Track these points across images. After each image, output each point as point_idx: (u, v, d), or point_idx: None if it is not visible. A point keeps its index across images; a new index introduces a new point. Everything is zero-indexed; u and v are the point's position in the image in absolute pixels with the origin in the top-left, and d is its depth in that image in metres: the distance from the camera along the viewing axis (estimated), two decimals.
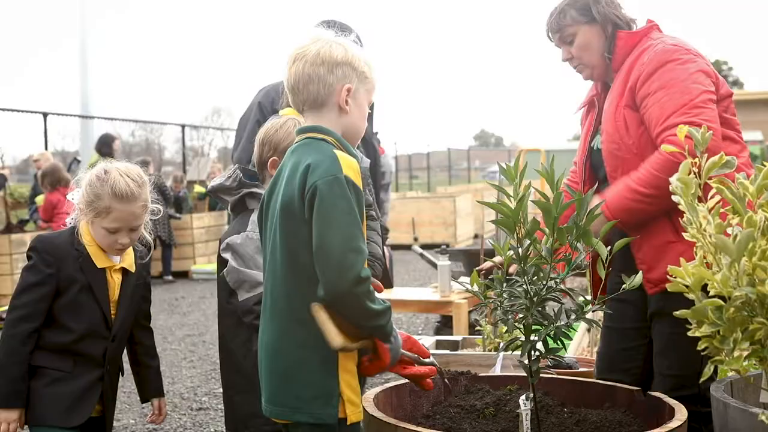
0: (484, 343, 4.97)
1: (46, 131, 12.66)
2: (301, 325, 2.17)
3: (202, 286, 12.14)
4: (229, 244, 2.93)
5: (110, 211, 2.71)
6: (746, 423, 2.24)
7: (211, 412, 5.40)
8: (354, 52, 2.28)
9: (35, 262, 2.71)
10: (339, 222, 2.08)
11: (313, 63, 2.23)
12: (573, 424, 2.59)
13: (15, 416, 2.64)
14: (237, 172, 3.09)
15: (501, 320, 2.52)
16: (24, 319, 2.66)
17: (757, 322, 1.69)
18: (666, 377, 2.94)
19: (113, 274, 2.79)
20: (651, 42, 2.94)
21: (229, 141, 48.21)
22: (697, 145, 2.07)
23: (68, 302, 2.71)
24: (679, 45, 2.89)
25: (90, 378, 2.76)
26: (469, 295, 6.14)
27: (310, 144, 2.24)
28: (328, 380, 2.18)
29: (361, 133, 2.37)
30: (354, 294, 2.06)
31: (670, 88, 2.79)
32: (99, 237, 2.75)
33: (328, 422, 2.18)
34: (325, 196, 2.08)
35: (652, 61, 2.85)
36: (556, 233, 2.41)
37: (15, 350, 2.65)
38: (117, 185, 2.70)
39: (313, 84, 2.24)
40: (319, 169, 2.12)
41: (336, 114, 2.26)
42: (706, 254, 1.82)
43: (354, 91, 2.26)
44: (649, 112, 2.83)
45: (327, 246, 2.07)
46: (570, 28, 3.01)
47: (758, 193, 1.82)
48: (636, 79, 2.87)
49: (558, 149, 23.17)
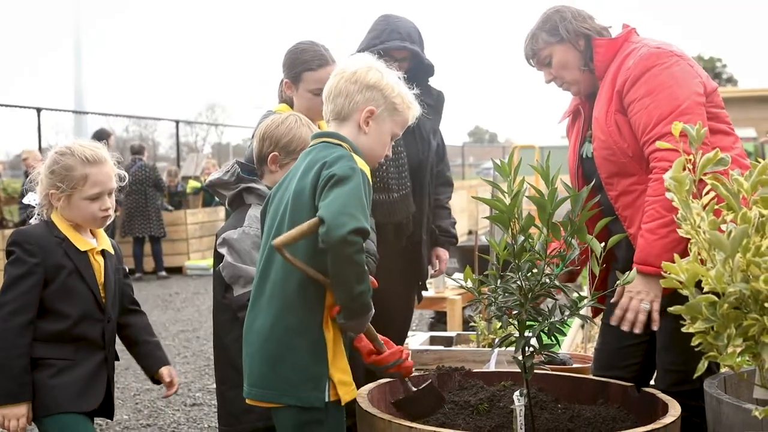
0: (478, 339, 4.98)
1: (39, 127, 12.61)
2: (293, 311, 2.27)
3: (196, 281, 12.13)
4: (226, 240, 2.93)
5: (87, 178, 2.73)
6: (739, 419, 2.25)
7: (205, 407, 5.40)
8: (390, 81, 2.42)
9: (18, 255, 2.68)
10: (344, 193, 2.19)
11: (348, 80, 2.40)
12: (567, 420, 2.59)
13: (23, 411, 2.62)
14: (235, 166, 3.09)
15: (495, 316, 2.53)
16: (15, 312, 2.63)
17: (750, 319, 1.69)
18: (668, 372, 2.95)
19: (95, 257, 2.80)
20: (634, 46, 2.93)
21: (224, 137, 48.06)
22: (692, 142, 2.08)
23: (58, 289, 2.69)
24: (663, 47, 2.87)
25: (94, 362, 2.75)
26: (463, 292, 6.14)
27: (327, 147, 2.37)
28: (318, 365, 2.26)
29: (376, 158, 2.47)
30: (343, 248, 2.13)
31: (656, 94, 2.78)
32: (81, 212, 2.75)
33: (315, 405, 2.26)
34: (340, 178, 2.21)
35: (638, 65, 2.84)
36: (550, 229, 2.42)
37: (13, 344, 2.62)
38: (85, 152, 2.75)
39: (341, 98, 2.41)
40: (337, 163, 2.25)
41: (355, 131, 2.41)
42: (701, 251, 1.83)
43: (378, 116, 2.40)
44: (636, 118, 2.83)
45: (327, 206, 2.17)
46: (544, 51, 3.04)
47: (753, 190, 1.82)
48: (623, 84, 2.87)
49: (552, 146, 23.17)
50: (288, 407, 2.28)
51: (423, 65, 3.79)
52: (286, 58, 3.52)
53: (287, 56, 3.52)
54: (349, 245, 2.13)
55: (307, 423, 2.28)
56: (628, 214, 2.95)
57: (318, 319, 2.27)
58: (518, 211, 2.43)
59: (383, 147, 2.45)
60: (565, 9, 3.04)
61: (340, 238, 2.12)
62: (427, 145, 3.86)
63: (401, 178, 3.74)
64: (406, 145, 3.77)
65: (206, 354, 6.73)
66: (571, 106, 3.23)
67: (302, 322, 2.27)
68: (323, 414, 2.27)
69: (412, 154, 3.80)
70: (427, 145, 3.86)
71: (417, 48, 3.74)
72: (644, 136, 2.79)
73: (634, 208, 2.92)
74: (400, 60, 3.62)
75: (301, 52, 3.54)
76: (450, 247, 4.09)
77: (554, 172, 2.42)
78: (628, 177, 2.91)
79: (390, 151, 2.52)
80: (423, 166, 3.85)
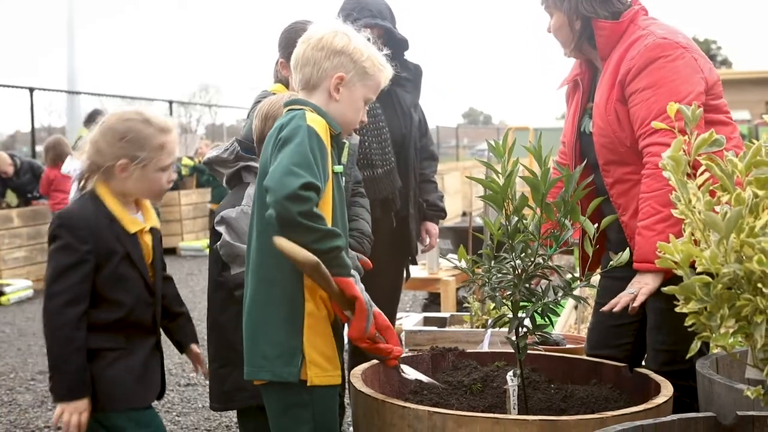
0: (472, 319, 4.99)
1: (32, 107, 12.58)
2: (268, 284, 2.25)
3: (190, 262, 12.10)
4: (224, 218, 2.91)
5: (164, 146, 2.57)
6: (731, 399, 2.26)
7: (199, 387, 5.41)
8: (358, 45, 2.35)
9: (68, 241, 2.47)
10: (287, 154, 2.15)
11: (314, 47, 2.34)
12: (560, 400, 2.60)
13: (84, 405, 2.46)
14: (235, 144, 3.07)
15: (489, 297, 2.53)
16: (69, 304, 2.43)
17: (743, 299, 1.69)
18: (659, 352, 2.96)
19: (144, 237, 2.63)
20: (640, 33, 2.87)
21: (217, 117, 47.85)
22: (687, 123, 2.07)
23: (110, 276, 2.52)
24: (669, 38, 2.82)
25: (147, 347, 2.62)
26: (457, 272, 6.15)
27: (288, 114, 2.32)
28: (291, 339, 2.23)
29: (350, 124, 2.42)
30: (289, 209, 2.08)
31: (658, 88, 2.76)
32: (150, 184, 2.58)
33: (289, 380, 2.23)
34: (285, 140, 2.19)
35: (642, 56, 2.80)
36: (543, 209, 2.42)
37: (70, 338, 2.44)
38: (157, 120, 2.59)
39: (308, 66, 2.34)
40: (288, 125, 2.22)
41: (325, 99, 2.35)
42: (695, 231, 1.83)
43: (348, 81, 2.34)
44: (635, 110, 2.81)
45: (271, 173, 2.14)
46: (548, 8, 3.02)
47: (747, 171, 1.82)
48: (626, 74, 2.83)
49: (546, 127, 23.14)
50: (271, 385, 2.27)
51: (396, 40, 3.78)
52: (282, 37, 3.51)
53: (283, 36, 3.51)
54: (295, 203, 2.07)
55: (292, 406, 2.26)
56: (622, 201, 2.94)
57: (296, 291, 2.23)
58: (512, 192, 2.43)
59: (356, 113, 2.39)
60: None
61: (285, 199, 2.07)
62: (409, 119, 3.87)
63: (385, 153, 3.74)
64: (387, 120, 3.78)
65: (201, 334, 6.68)
66: (570, 74, 3.20)
67: (279, 294, 2.23)
68: (308, 396, 2.24)
69: (394, 128, 3.81)
70: (409, 119, 3.87)
71: (389, 24, 3.74)
72: (641, 128, 2.78)
73: (628, 196, 2.91)
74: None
75: (297, 32, 3.52)
76: (443, 228, 4.11)
77: (547, 153, 2.41)
78: (624, 166, 2.90)
79: (365, 116, 2.46)
80: (406, 140, 3.86)
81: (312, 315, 2.24)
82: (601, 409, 2.49)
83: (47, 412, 4.88)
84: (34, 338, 7.03)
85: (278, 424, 2.31)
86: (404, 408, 2.27)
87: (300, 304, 2.23)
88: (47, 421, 4.73)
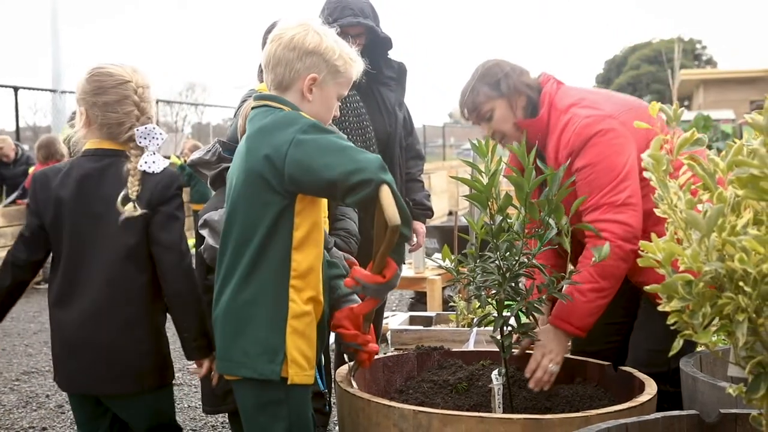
0: (458, 318, 5.00)
1: (17, 106, 12.51)
2: (250, 283, 2.23)
3: None
4: (207, 221, 2.90)
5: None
6: (714, 396, 2.28)
7: (185, 387, 5.39)
8: (329, 44, 2.32)
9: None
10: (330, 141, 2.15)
11: (285, 47, 2.30)
12: (544, 399, 2.62)
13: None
14: (217, 146, 3.06)
15: (474, 296, 2.54)
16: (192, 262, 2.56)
17: (725, 297, 1.70)
18: (640, 351, 2.97)
19: None
20: (565, 119, 2.86)
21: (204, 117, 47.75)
22: (668, 122, 2.08)
23: None
24: (594, 115, 2.82)
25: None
26: (442, 272, 6.16)
27: (268, 111, 2.29)
28: (274, 337, 2.22)
29: (323, 122, 2.37)
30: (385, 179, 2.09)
31: (594, 166, 2.77)
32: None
33: (271, 378, 2.22)
34: (308, 140, 2.15)
35: (577, 137, 2.80)
36: (527, 208, 2.43)
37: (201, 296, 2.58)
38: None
39: (280, 67, 2.31)
40: (293, 126, 2.18)
41: (298, 99, 2.32)
42: (677, 230, 1.83)
43: (321, 81, 2.32)
44: (579, 186, 2.81)
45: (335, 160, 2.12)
46: (486, 105, 2.93)
47: (728, 170, 1.83)
48: (566, 156, 2.81)
49: None
50: (247, 382, 2.26)
51: (379, 39, 3.77)
52: (265, 37, 3.50)
53: (266, 35, 3.50)
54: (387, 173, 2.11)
55: (267, 403, 2.25)
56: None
57: (282, 292, 2.23)
58: (496, 191, 2.44)
59: (329, 111, 2.38)
60: (504, 63, 2.96)
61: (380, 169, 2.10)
62: (394, 117, 3.86)
63: (370, 152, 3.74)
64: (372, 119, 3.77)
65: None
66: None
67: (260, 293, 2.22)
68: (284, 393, 2.24)
69: (379, 127, 3.80)
70: (394, 118, 3.86)
71: (371, 22, 3.72)
72: (583, 205, 2.75)
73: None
74: (355, 36, 3.59)
75: None
76: (430, 227, 4.10)
77: (532, 152, 2.42)
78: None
79: (338, 111, 2.46)
80: (391, 139, 3.85)
81: (296, 316, 2.23)
82: (586, 408, 2.50)
83: (32, 413, 4.85)
84: (19, 338, 7.00)
85: (254, 421, 2.29)
86: (389, 407, 2.28)
87: (285, 304, 2.22)
88: (31, 422, 4.70)
